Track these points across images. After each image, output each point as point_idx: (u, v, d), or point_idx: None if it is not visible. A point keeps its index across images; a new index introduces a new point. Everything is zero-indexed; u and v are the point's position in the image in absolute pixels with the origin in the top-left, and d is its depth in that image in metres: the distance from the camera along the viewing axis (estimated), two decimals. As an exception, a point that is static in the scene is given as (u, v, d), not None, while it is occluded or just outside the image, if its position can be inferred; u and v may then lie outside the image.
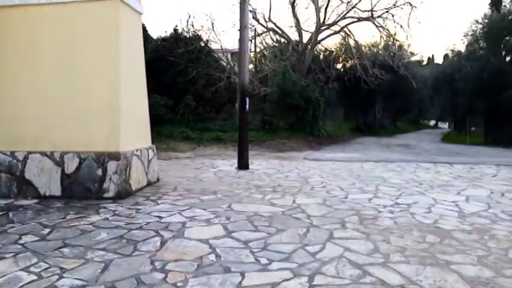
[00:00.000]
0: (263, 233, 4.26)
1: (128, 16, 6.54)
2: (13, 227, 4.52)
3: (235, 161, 9.97)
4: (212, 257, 3.57)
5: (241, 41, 8.99)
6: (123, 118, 6.15)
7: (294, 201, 5.86)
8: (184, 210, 5.28)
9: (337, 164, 10.62)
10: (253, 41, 21.95)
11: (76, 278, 3.12)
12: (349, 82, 24.39)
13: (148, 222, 4.68)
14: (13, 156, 6.26)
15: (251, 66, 25.82)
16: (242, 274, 3.19)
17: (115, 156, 6.02)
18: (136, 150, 6.65)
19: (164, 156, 12.21)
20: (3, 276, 3.17)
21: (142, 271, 3.27)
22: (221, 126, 19.03)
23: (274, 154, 14.02)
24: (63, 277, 3.15)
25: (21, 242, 4.01)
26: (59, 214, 5.11)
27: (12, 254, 3.66)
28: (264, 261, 3.48)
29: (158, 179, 7.59)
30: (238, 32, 9.13)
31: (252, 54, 25.50)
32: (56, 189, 6.13)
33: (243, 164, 9.32)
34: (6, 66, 6.36)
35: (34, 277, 3.15)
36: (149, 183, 7.09)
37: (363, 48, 25.72)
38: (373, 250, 3.78)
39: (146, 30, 22.58)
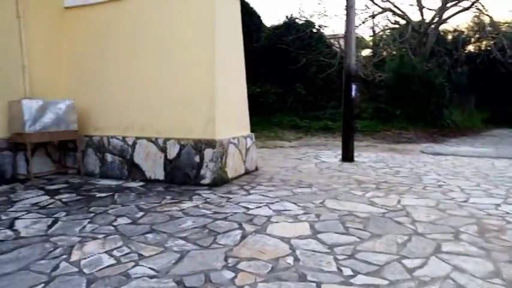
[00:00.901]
0: (354, 237, 3.74)
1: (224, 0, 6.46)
2: (113, 208, 4.82)
3: (341, 152, 9.36)
4: (290, 259, 3.22)
5: (348, 21, 8.27)
6: (218, 106, 6.12)
7: (399, 201, 5.13)
8: (273, 202, 5.01)
9: (460, 160, 9.21)
10: (367, 23, 20.55)
11: (150, 267, 3.09)
12: (482, 65, 21.18)
13: (235, 213, 4.53)
14: (124, 141, 6.76)
15: (368, 51, 24.30)
16: (318, 286, 2.77)
17: (211, 143, 6.04)
18: (233, 138, 6.59)
19: (269, 145, 12.17)
20: (88, 257, 3.31)
21: (213, 267, 3.08)
22: (331, 115, 18.32)
23: (387, 146, 12.90)
24: (138, 264, 3.14)
25: (115, 223, 4.21)
26: (157, 198, 5.31)
27: (104, 235, 3.85)
28: (347, 272, 2.99)
29: (257, 168, 7.48)
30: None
31: (368, 37, 23.94)
32: (159, 174, 6.44)
33: (347, 156, 8.68)
34: (117, 58, 6.85)
35: (113, 261, 3.22)
36: (247, 172, 7.02)
37: (500, 26, 22.01)
38: (492, 273, 2.98)
39: (260, 19, 22.89)
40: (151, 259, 3.25)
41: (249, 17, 20.97)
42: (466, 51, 23.51)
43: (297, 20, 21.13)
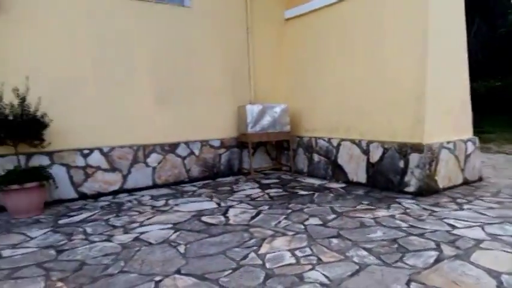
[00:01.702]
0: None
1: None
2: (309, 207, 4.99)
3: None
4: (491, 301, 2.56)
5: None
6: (429, 105, 5.44)
7: None
8: (491, 223, 4.10)
9: None
10: None
11: (324, 274, 3.04)
12: None
13: (435, 230, 3.95)
14: (329, 142, 6.90)
15: None
16: None
17: (418, 148, 5.45)
18: (448, 143, 5.75)
19: (508, 150, 10.05)
20: (273, 252, 3.54)
21: (390, 289, 2.78)
22: None
23: None
24: (314, 269, 3.15)
25: (306, 223, 4.35)
26: (353, 202, 5.20)
27: (293, 233, 4.04)
28: None
29: (481, 178, 6.30)
30: None
31: None
32: (361, 177, 6.28)
33: None
34: (326, 62, 7.02)
35: (293, 260, 3.33)
36: (465, 182, 6.01)
37: None
38: None
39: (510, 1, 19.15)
40: (328, 266, 3.20)
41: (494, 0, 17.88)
42: None
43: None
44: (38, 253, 3.75)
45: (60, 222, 4.78)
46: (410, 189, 5.52)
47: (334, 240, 3.77)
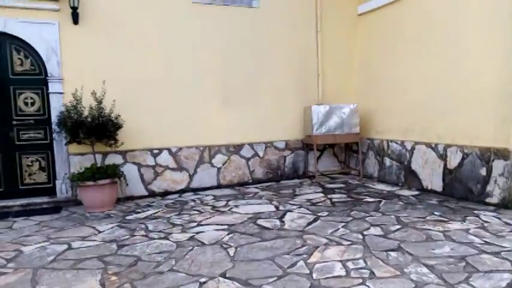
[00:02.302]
0: None
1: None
2: (372, 216, 4.66)
3: None
4: None
5: None
6: (517, 105, 4.76)
7: None
8: None
9: None
10: None
11: (374, 290, 2.79)
12: None
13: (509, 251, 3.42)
14: (403, 145, 6.41)
15: None
16: None
17: (503, 153, 4.80)
18: (542, 148, 4.97)
19: None
20: (324, 262, 3.35)
21: (449, 315, 2.44)
22: None
23: None
24: (364, 283, 2.91)
25: (366, 233, 4.07)
26: (423, 212, 4.74)
27: (349, 243, 3.79)
28: None
29: None
30: None
31: None
32: (437, 184, 5.73)
33: None
34: (401, 59, 6.52)
35: (343, 273, 3.11)
36: None
37: None
38: None
39: None
40: (380, 281, 2.93)
41: None
42: None
43: None
44: (102, 247, 4.00)
45: (128, 218, 5.08)
46: (493, 200, 4.88)
47: (393, 254, 3.46)
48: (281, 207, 5.24)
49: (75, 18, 5.74)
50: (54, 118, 5.64)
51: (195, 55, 6.49)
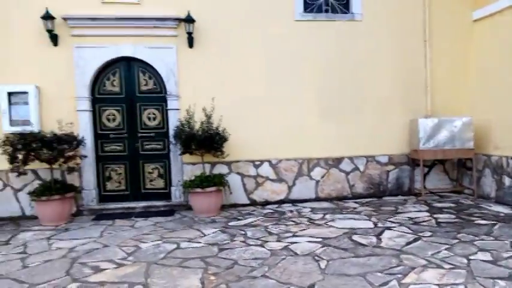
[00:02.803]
0: None
1: None
2: (483, 240, 4.25)
3: None
4: None
5: None
6: None
7: None
8: None
9: None
10: None
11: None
12: None
13: None
14: (526, 163, 5.68)
15: None
16: None
17: None
18: None
19: None
20: (419, 284, 3.19)
21: None
22: None
23: None
24: (462, 312, 2.70)
25: (472, 257, 3.74)
26: (549, 240, 4.15)
27: (451, 266, 3.54)
28: None
29: None
30: None
31: None
32: None
33: None
34: None
35: (439, 298, 2.93)
36: None
37: None
38: None
39: None
40: (482, 312, 2.69)
41: None
42: None
43: None
44: (205, 249, 4.39)
45: (230, 224, 5.45)
46: None
47: (501, 283, 3.13)
48: (380, 224, 5.08)
49: (191, 42, 6.43)
50: (171, 131, 6.36)
51: (296, 70, 6.70)
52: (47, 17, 5.90)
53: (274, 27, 6.67)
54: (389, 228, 4.86)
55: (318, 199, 6.74)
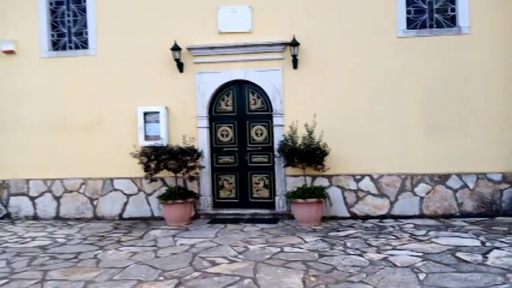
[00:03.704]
0: None
1: None
2: None
3: None
4: None
5: None
6: None
7: None
8: None
9: None
10: None
11: None
12: None
13: None
14: None
15: None
16: None
17: None
18: None
19: None
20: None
21: None
22: None
23: None
24: None
25: None
26: None
27: None
28: None
29: None
30: None
31: None
32: None
33: None
34: None
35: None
36: None
37: None
38: None
39: None
40: None
41: None
42: None
43: None
44: (306, 254, 4.76)
45: (330, 234, 5.74)
46: None
47: None
48: (488, 244, 4.87)
49: (295, 64, 6.96)
50: (275, 146, 6.91)
51: (400, 85, 6.75)
52: (175, 48, 7.00)
53: (377, 45, 6.84)
54: (498, 248, 4.65)
55: (422, 216, 6.61)
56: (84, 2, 7.52)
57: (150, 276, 4.15)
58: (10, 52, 7.50)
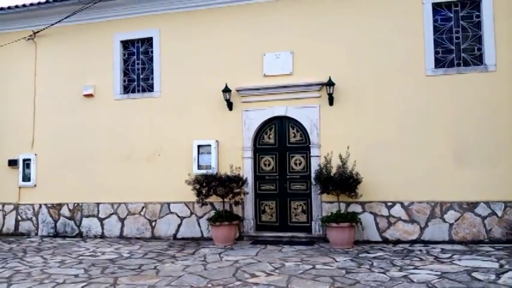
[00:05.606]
0: None
1: None
2: None
3: None
4: None
5: None
6: None
7: None
8: None
9: None
10: None
11: None
12: None
13: None
14: None
15: None
16: None
17: None
18: None
19: None
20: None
21: None
22: None
23: None
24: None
25: None
26: None
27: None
28: None
29: None
30: None
31: None
32: None
33: None
34: None
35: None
36: None
37: None
38: None
39: None
40: None
41: None
42: None
43: None
44: (335, 271, 5.42)
45: (360, 255, 6.32)
46: None
47: None
48: (506, 266, 5.24)
49: (331, 101, 7.76)
50: (312, 174, 7.66)
51: (429, 119, 7.30)
52: (226, 90, 8.09)
53: (406, 83, 7.49)
54: (516, 270, 5.03)
55: (451, 242, 6.97)
56: (152, 53, 8.90)
57: (200, 284, 5.02)
58: (89, 95, 9.04)
